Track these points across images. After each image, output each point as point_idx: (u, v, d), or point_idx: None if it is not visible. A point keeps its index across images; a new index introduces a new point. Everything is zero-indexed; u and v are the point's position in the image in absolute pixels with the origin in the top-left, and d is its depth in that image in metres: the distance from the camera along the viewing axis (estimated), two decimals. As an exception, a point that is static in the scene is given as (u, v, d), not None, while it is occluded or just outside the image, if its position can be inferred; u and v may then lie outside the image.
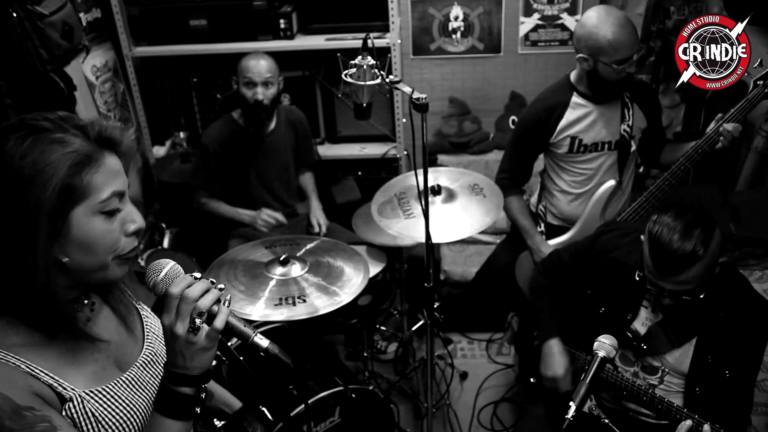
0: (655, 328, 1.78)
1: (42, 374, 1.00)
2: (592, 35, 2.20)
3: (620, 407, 1.92)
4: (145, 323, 1.24)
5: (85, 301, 1.11)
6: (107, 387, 1.08)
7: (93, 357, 1.09)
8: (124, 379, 1.12)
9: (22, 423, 0.94)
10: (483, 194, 2.39)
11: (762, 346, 1.75)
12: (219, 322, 1.03)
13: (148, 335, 1.22)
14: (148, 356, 1.19)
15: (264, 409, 2.11)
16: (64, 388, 1.02)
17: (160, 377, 1.19)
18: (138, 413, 1.11)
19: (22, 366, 0.99)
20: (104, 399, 1.06)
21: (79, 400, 1.03)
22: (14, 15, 2.07)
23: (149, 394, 1.16)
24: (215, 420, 2.09)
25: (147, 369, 1.18)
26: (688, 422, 1.59)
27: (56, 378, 1.02)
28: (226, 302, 1.06)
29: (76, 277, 1.02)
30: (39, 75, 2.21)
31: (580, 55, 2.27)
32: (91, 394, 1.05)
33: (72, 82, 2.42)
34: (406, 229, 2.23)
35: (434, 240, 2.05)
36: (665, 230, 1.57)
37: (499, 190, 2.41)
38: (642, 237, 1.70)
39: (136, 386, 1.14)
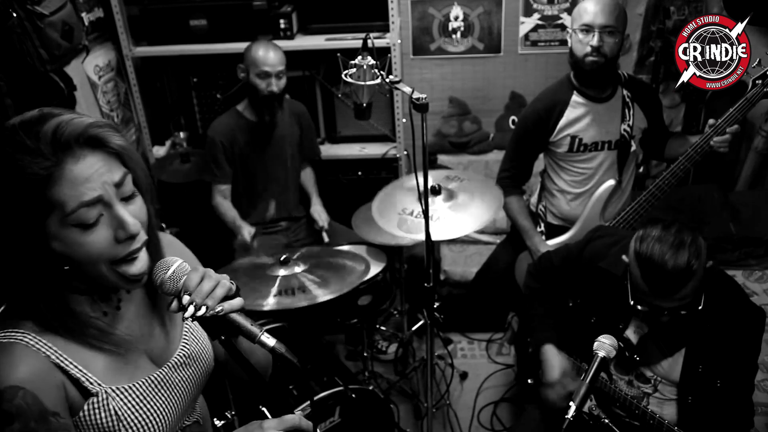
0: (646, 338, 1.76)
1: (71, 366, 1.00)
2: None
3: (609, 411, 1.91)
4: (185, 323, 1.21)
5: (112, 296, 1.09)
6: (135, 385, 1.07)
7: (120, 351, 1.07)
8: (154, 378, 1.10)
9: (45, 428, 0.94)
10: (460, 179, 2.41)
11: (754, 354, 1.72)
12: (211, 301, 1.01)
13: (185, 334, 1.20)
14: (182, 357, 1.17)
15: (264, 409, 2.12)
16: (91, 383, 1.01)
17: (191, 379, 1.18)
18: (162, 415, 1.09)
19: (53, 356, 0.98)
20: (130, 397, 1.06)
21: (104, 396, 1.02)
22: (14, 15, 2.07)
23: (178, 396, 1.14)
24: (215, 420, 2.10)
25: (179, 370, 1.16)
26: None
27: (84, 371, 1.01)
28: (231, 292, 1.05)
29: (85, 280, 1.01)
30: (39, 75, 2.21)
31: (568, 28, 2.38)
32: (117, 392, 1.04)
33: (72, 82, 2.42)
34: (402, 225, 2.25)
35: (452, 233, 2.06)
36: (655, 249, 1.53)
37: (479, 176, 2.48)
38: (624, 257, 1.67)
39: (166, 387, 1.12)
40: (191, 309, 0.99)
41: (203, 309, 0.99)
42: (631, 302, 1.68)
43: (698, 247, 1.53)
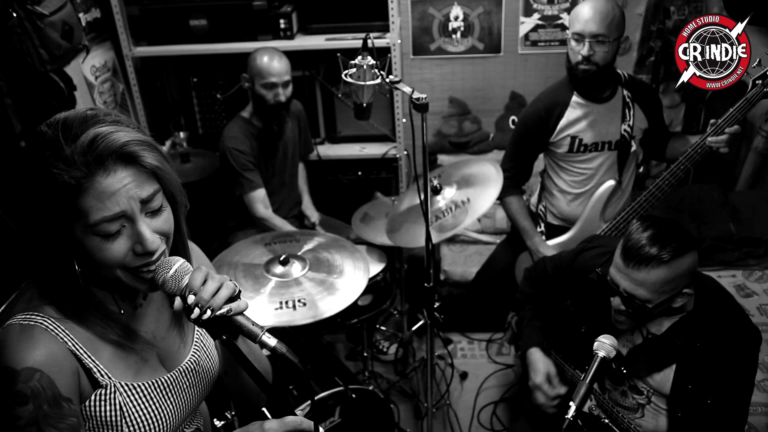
0: (635, 351, 1.73)
1: (85, 356, 1.02)
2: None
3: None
4: (196, 331, 1.24)
5: (134, 296, 1.13)
6: (144, 384, 1.09)
7: (135, 348, 1.09)
8: (163, 381, 1.13)
9: (57, 412, 0.97)
10: (439, 173, 2.45)
11: (749, 374, 1.66)
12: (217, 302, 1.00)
13: (196, 343, 1.23)
14: (191, 364, 1.20)
15: (264, 409, 2.12)
16: (102, 375, 1.04)
17: (197, 387, 1.20)
18: (165, 418, 1.11)
19: (70, 343, 1.01)
20: (136, 395, 1.08)
21: (112, 389, 1.04)
22: (14, 15, 2.07)
23: (183, 402, 1.16)
24: (215, 420, 2.10)
25: (186, 376, 1.18)
26: None
27: (97, 363, 1.03)
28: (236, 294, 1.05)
29: (104, 278, 1.04)
30: (39, 75, 2.21)
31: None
32: (125, 387, 1.06)
33: (72, 82, 2.42)
34: (440, 228, 2.31)
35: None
36: (642, 228, 1.54)
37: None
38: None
39: (172, 391, 1.14)
40: (197, 311, 0.99)
41: (209, 312, 0.99)
42: (598, 270, 1.69)
43: (681, 249, 1.51)
